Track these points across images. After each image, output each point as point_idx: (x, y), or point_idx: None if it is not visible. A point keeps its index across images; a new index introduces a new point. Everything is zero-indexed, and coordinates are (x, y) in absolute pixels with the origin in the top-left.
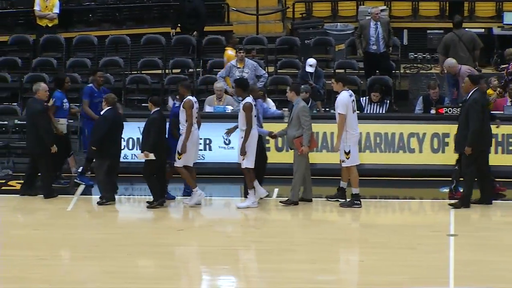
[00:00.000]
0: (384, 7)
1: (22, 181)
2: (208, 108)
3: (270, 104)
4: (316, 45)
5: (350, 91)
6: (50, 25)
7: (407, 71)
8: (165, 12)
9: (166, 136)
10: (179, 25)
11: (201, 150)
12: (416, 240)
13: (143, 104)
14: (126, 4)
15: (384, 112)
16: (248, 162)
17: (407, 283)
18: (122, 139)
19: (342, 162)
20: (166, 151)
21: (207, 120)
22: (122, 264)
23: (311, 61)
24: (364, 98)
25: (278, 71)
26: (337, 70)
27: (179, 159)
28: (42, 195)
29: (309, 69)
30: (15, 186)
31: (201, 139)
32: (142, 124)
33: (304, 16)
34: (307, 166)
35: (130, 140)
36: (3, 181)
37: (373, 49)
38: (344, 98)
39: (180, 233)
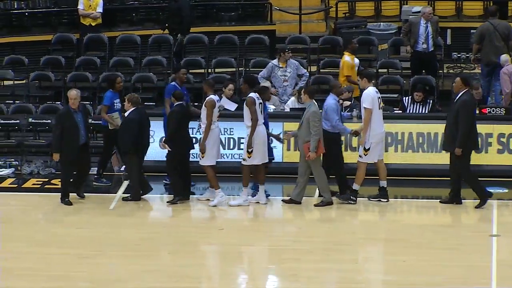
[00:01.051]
0: (429, 7)
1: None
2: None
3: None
4: (359, 45)
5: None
6: (93, 24)
7: (450, 71)
8: (208, 12)
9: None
10: (167, 25)
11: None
12: (458, 241)
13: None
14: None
15: (426, 112)
16: (254, 160)
17: (448, 284)
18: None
19: (359, 157)
20: (188, 146)
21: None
22: (164, 262)
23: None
24: (406, 97)
25: (321, 70)
26: (379, 70)
27: (202, 157)
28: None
29: None
30: (57, 185)
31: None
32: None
33: (347, 15)
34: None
35: None
36: (46, 179)
37: (422, 48)
38: (371, 93)
39: (221, 232)
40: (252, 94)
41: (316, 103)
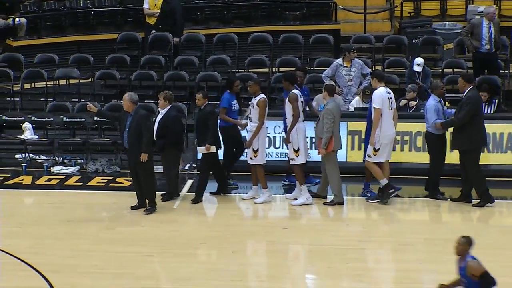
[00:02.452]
0: (494, 6)
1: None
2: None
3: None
4: (424, 44)
5: (387, 88)
6: None
7: None
8: (273, 11)
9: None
10: (160, 27)
11: (309, 148)
12: None
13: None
14: (234, 3)
15: (492, 112)
16: (301, 158)
17: None
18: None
19: (368, 157)
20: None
21: (314, 119)
22: (227, 261)
23: (419, 60)
24: None
25: (385, 70)
26: (444, 70)
27: (255, 157)
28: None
29: (416, 68)
30: (122, 183)
31: (307, 137)
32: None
33: (412, 15)
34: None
35: None
36: (111, 177)
37: (485, 49)
38: (382, 93)
39: (286, 231)
40: (295, 91)
41: (335, 101)
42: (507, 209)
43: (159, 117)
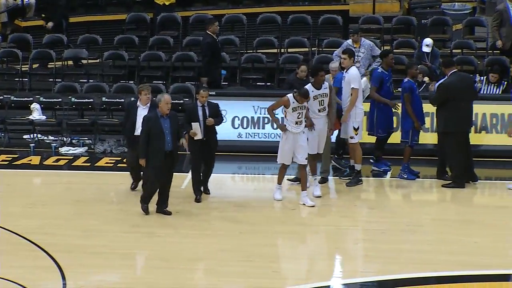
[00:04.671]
0: None
1: None
2: None
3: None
4: (433, 25)
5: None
6: (167, 3)
7: None
8: None
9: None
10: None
11: None
12: None
13: (258, 83)
14: None
15: (499, 93)
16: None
17: None
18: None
19: (351, 138)
20: None
21: None
22: (237, 242)
23: (428, 41)
24: (482, 78)
25: (394, 51)
26: (453, 50)
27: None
28: None
29: (425, 49)
30: None
31: None
32: (256, 103)
33: None
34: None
35: (245, 119)
36: (119, 158)
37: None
38: (355, 73)
39: (293, 212)
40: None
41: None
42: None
43: (144, 111)
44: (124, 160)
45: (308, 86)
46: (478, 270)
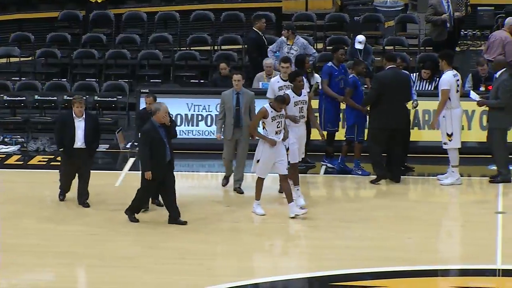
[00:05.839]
0: None
1: None
2: (258, 85)
3: (318, 80)
4: (365, 22)
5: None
6: (99, 1)
7: (457, 49)
8: None
9: None
10: None
11: None
12: (464, 218)
13: (191, 81)
14: None
15: (432, 89)
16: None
17: (455, 261)
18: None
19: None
20: None
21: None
22: (172, 240)
23: (360, 37)
24: (414, 74)
25: (327, 48)
26: (386, 47)
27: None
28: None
29: (358, 46)
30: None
31: None
32: (190, 100)
33: None
34: None
35: (178, 116)
36: (52, 156)
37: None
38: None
39: (228, 210)
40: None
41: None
42: (449, 186)
43: (81, 123)
44: (59, 172)
45: (289, 92)
46: (410, 266)
